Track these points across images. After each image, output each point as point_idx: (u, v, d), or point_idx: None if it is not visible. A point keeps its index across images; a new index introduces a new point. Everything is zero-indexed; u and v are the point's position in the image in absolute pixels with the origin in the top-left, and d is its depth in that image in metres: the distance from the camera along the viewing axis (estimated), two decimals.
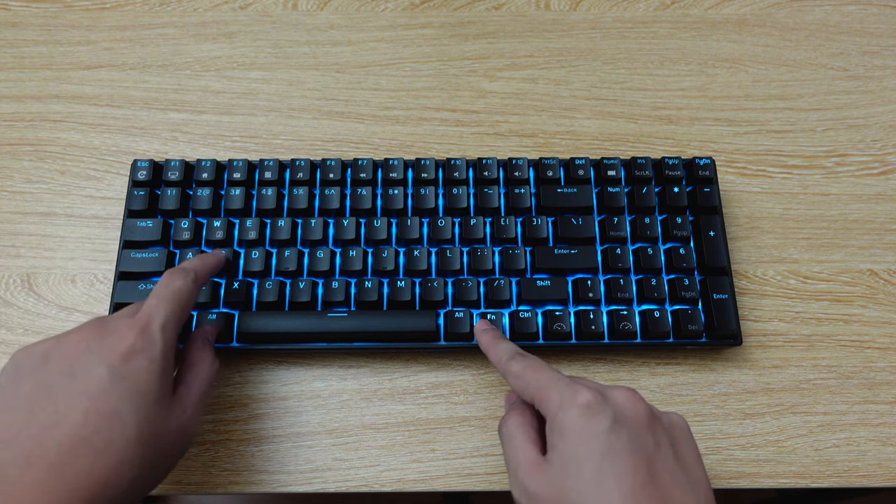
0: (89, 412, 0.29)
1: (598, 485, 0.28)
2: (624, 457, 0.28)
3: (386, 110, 0.53)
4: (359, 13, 0.57)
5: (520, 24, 0.57)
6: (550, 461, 0.30)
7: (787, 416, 0.44)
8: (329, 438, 0.43)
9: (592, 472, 0.28)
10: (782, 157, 0.52)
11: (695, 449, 0.32)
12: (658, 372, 0.45)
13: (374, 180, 0.47)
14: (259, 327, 0.42)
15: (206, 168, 0.47)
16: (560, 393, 0.31)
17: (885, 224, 0.49)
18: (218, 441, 0.42)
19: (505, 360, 0.35)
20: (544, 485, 0.29)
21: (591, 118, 0.53)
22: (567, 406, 0.30)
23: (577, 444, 0.29)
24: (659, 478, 0.28)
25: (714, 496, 0.30)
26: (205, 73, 0.54)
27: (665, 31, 0.57)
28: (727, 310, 0.43)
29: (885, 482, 0.42)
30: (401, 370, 0.45)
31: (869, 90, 0.54)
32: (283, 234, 0.45)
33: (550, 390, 0.31)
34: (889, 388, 0.45)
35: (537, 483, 0.30)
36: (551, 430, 0.31)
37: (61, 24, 0.56)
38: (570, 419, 0.30)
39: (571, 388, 0.31)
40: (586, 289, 0.43)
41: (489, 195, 0.46)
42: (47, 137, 0.51)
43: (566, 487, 0.28)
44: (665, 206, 0.46)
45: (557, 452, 0.30)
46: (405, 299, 0.43)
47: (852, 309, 0.47)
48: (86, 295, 0.46)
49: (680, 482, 0.29)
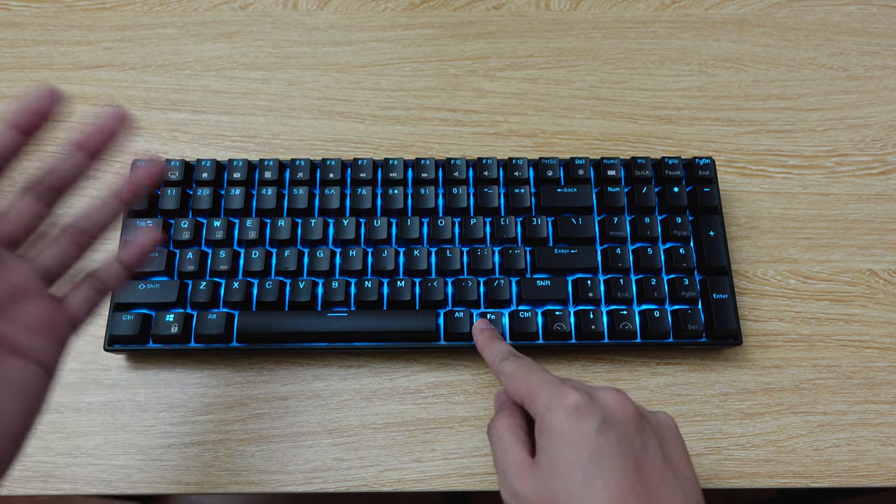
0: None
1: (586, 486, 0.28)
2: (612, 458, 0.28)
3: (386, 110, 0.53)
4: (359, 13, 0.57)
5: (520, 24, 0.57)
6: (539, 463, 0.30)
7: (787, 416, 0.44)
8: (329, 438, 0.43)
9: (581, 473, 0.28)
10: (782, 157, 0.52)
11: (683, 448, 0.32)
12: (658, 372, 0.45)
13: (374, 180, 0.47)
14: (259, 327, 0.42)
15: (206, 168, 0.47)
16: (549, 394, 0.31)
17: (885, 224, 0.49)
18: (218, 441, 0.42)
19: (498, 361, 0.35)
20: (533, 487, 0.29)
21: (591, 118, 0.53)
22: (555, 407, 0.30)
23: (565, 446, 0.29)
24: (647, 478, 0.29)
25: (703, 496, 0.30)
26: (205, 73, 0.54)
27: (665, 31, 0.57)
28: (727, 310, 0.43)
29: (885, 482, 0.42)
30: (401, 370, 0.45)
31: (869, 90, 0.54)
32: (283, 234, 0.45)
33: (539, 391, 0.31)
34: (889, 388, 0.45)
35: (526, 485, 0.30)
36: (540, 432, 0.31)
37: (61, 24, 0.56)
38: (557, 420, 0.30)
39: (560, 390, 0.31)
40: (586, 289, 0.43)
41: (489, 195, 0.46)
42: (47, 137, 0.51)
43: (555, 489, 0.29)
44: (665, 205, 0.46)
45: (546, 454, 0.30)
46: (405, 299, 0.43)
47: (852, 309, 0.47)
48: None
49: (668, 482, 0.29)
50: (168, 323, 0.42)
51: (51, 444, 0.42)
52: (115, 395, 0.43)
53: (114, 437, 0.42)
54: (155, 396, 0.43)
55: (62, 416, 0.43)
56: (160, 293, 0.43)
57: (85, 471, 0.41)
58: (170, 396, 0.43)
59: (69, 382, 0.43)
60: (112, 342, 0.42)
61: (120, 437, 0.42)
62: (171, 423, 0.43)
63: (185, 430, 0.43)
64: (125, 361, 0.44)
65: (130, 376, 0.44)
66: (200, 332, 0.42)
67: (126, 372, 0.44)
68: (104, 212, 0.32)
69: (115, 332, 0.42)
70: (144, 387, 0.44)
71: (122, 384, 0.44)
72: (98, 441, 0.42)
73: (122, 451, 0.42)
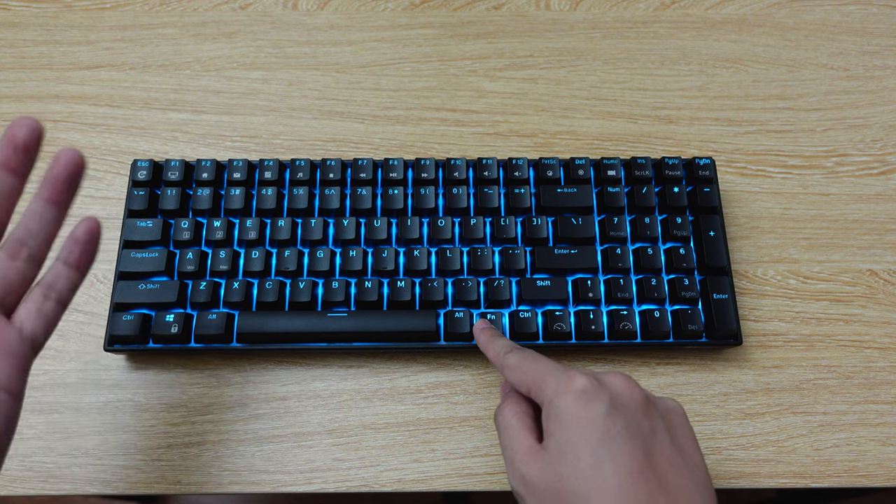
0: None
1: (595, 470, 0.28)
2: (621, 442, 0.28)
3: (386, 110, 0.53)
4: (359, 13, 0.57)
5: (520, 24, 0.57)
6: (547, 448, 0.30)
7: (787, 416, 0.44)
8: (329, 438, 0.43)
9: (589, 457, 0.28)
10: (782, 157, 0.52)
11: (691, 433, 0.32)
12: (658, 372, 0.45)
13: (374, 180, 0.47)
14: (259, 327, 0.42)
15: (206, 168, 0.47)
16: (556, 380, 0.31)
17: (885, 224, 0.49)
18: (218, 441, 0.42)
19: (502, 355, 0.35)
20: (541, 472, 0.29)
21: (591, 118, 0.53)
22: (563, 392, 0.30)
23: (573, 430, 0.29)
24: (656, 462, 0.28)
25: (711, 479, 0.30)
26: (205, 73, 0.54)
27: (665, 31, 0.57)
28: (727, 310, 0.43)
29: (885, 482, 0.42)
30: (401, 370, 0.45)
31: (869, 90, 0.54)
32: (283, 234, 0.45)
33: (546, 377, 0.31)
34: (889, 388, 0.45)
35: (534, 470, 0.30)
36: (547, 417, 0.30)
37: (61, 24, 0.56)
38: (565, 405, 0.30)
39: (567, 375, 0.31)
40: (586, 289, 0.43)
41: (489, 195, 0.46)
42: (47, 137, 0.51)
43: (564, 473, 0.28)
44: (665, 206, 0.46)
45: (554, 439, 0.30)
46: (405, 299, 0.43)
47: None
48: (86, 295, 0.46)
49: (677, 466, 0.29)
50: (168, 323, 0.42)
51: (51, 444, 0.42)
52: (115, 395, 0.43)
53: (114, 437, 0.42)
54: (155, 396, 0.43)
55: (62, 416, 0.43)
56: (160, 293, 0.43)
57: (85, 471, 0.41)
58: (170, 396, 0.43)
59: (69, 382, 0.44)
60: (112, 342, 0.42)
61: (120, 437, 0.42)
62: (171, 423, 0.43)
63: (185, 430, 0.43)
64: (125, 361, 0.44)
65: (130, 376, 0.44)
66: (200, 332, 0.42)
67: (126, 372, 0.44)
68: (40, 220, 0.30)
69: (115, 332, 0.42)
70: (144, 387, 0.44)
71: (122, 384, 0.44)
72: (98, 441, 0.42)
73: (122, 451, 0.42)
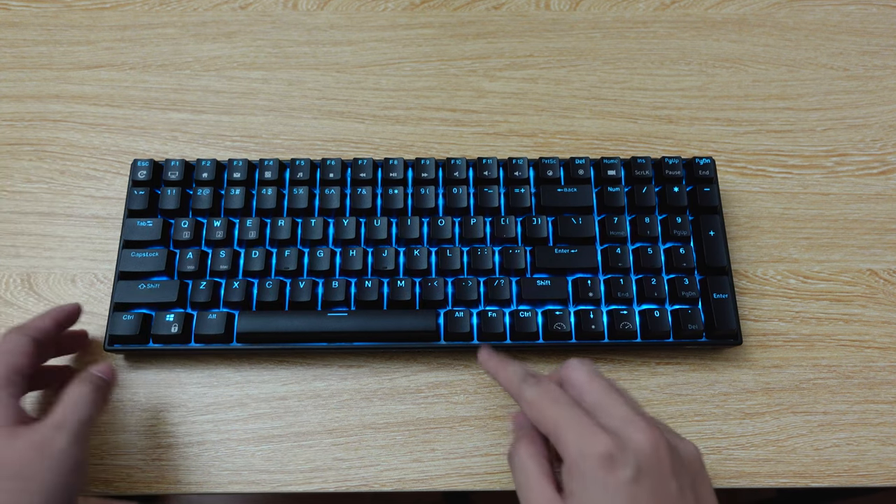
0: None
1: None
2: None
3: (386, 110, 0.53)
4: (359, 13, 0.57)
5: (520, 24, 0.57)
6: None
7: (787, 415, 0.44)
8: (329, 438, 0.43)
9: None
10: (782, 156, 0.52)
11: (709, 481, 0.31)
12: (658, 372, 0.45)
13: (374, 180, 0.47)
14: (259, 327, 0.42)
15: (206, 168, 0.47)
16: (577, 436, 0.30)
17: (885, 224, 0.49)
18: (218, 441, 0.42)
19: (517, 384, 0.34)
20: None
21: (591, 118, 0.53)
22: (586, 454, 0.29)
23: (598, 496, 0.28)
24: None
25: None
26: (205, 73, 0.54)
27: (665, 31, 0.57)
28: (727, 309, 0.43)
29: (885, 482, 0.42)
30: (401, 370, 0.45)
31: (869, 90, 0.54)
32: (283, 233, 0.45)
33: (567, 432, 0.30)
34: (889, 387, 0.45)
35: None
36: (569, 474, 0.30)
37: (61, 24, 0.56)
38: (590, 469, 0.29)
39: (590, 431, 0.30)
40: (586, 288, 0.43)
41: (489, 195, 0.46)
42: (47, 137, 0.51)
43: None
44: (665, 205, 0.46)
45: (576, 499, 0.29)
46: (405, 299, 0.43)
47: (852, 309, 0.47)
48: (86, 295, 0.46)
49: None
50: (168, 323, 0.42)
51: None
52: (115, 394, 0.43)
53: (114, 437, 0.42)
54: (155, 396, 0.43)
55: None
56: (160, 293, 0.43)
57: None
58: (169, 396, 0.43)
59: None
60: (112, 342, 0.42)
61: (120, 437, 0.42)
62: (171, 423, 0.43)
63: (185, 430, 0.43)
64: (125, 361, 0.44)
65: (130, 376, 0.44)
66: (200, 332, 0.42)
67: (126, 372, 0.44)
68: None
69: (115, 332, 0.42)
70: (144, 387, 0.44)
71: (122, 384, 0.44)
72: (98, 441, 0.42)
73: (122, 451, 0.42)
